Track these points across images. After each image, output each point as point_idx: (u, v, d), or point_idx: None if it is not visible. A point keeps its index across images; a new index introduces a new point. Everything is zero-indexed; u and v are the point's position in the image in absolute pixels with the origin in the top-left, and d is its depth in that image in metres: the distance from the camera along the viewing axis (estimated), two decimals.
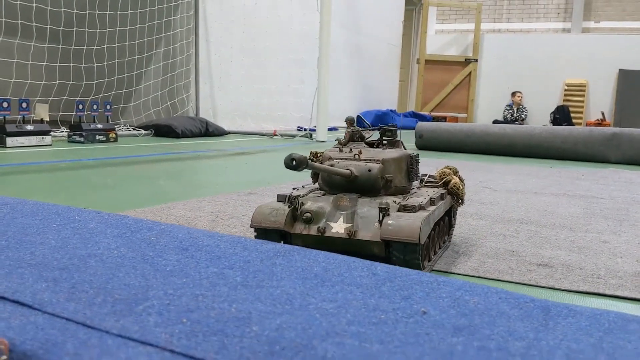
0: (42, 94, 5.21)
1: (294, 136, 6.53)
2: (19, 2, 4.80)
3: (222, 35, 6.99)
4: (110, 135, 4.95)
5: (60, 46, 5.43)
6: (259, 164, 3.86)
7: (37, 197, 2.20)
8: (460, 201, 1.57)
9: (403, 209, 1.20)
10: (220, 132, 6.23)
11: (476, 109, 12.70)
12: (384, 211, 1.18)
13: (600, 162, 4.99)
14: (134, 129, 5.80)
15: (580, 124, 11.90)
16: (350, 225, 1.19)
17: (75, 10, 5.48)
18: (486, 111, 12.50)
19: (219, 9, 6.89)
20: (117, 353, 0.56)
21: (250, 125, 7.19)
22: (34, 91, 5.14)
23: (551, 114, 12.12)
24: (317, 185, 1.41)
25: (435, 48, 12.93)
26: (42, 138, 4.32)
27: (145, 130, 5.76)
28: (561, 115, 11.93)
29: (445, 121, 11.86)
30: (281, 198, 1.26)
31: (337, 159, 1.33)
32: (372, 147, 1.42)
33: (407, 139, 6.98)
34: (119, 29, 5.82)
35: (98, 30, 5.68)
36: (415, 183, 1.52)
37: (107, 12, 5.69)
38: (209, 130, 6.04)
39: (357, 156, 1.31)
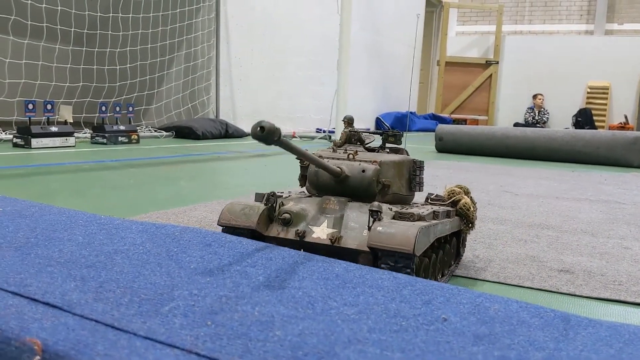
0: (66, 95, 5.29)
1: (312, 138, 6.55)
2: (44, 5, 4.89)
3: (242, 38, 7.04)
4: (133, 137, 5.01)
5: (84, 49, 5.51)
6: (278, 166, 3.88)
7: (61, 199, 2.24)
8: (470, 225, 1.36)
9: (399, 216, 1.04)
10: (240, 134, 6.27)
11: (497, 112, 12.62)
12: (375, 215, 1.00)
13: (623, 166, 4.93)
14: (155, 131, 5.86)
15: (602, 127, 11.77)
16: (334, 230, 1.02)
17: (98, 13, 5.56)
18: (507, 114, 12.42)
19: (240, 12, 6.94)
20: (146, 355, 0.58)
21: None
22: (58, 93, 5.22)
23: (573, 116, 11.99)
24: (304, 189, 1.26)
25: (456, 50, 12.87)
26: (66, 139, 4.38)
27: (166, 131, 5.82)
28: (583, 118, 11.80)
29: (465, 124, 11.81)
30: (259, 197, 1.13)
31: (327, 158, 1.15)
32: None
33: (427, 141, 6.98)
34: (142, 32, 5.88)
35: (121, 33, 5.75)
36: (420, 200, 1.36)
37: (130, 15, 5.76)
38: (228, 132, 6.09)
39: (351, 156, 1.15)
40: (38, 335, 0.61)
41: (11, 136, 4.28)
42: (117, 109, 5.05)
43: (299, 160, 1.19)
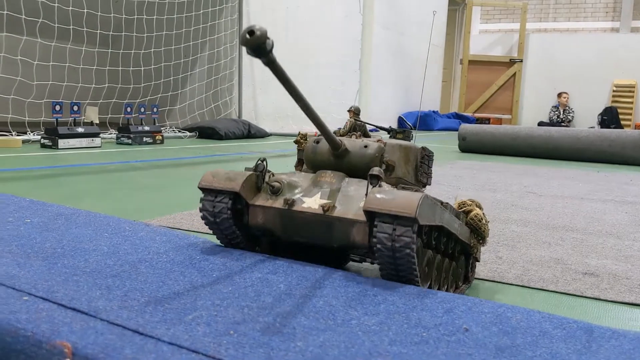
0: (92, 96, 5.37)
1: None
2: (70, 7, 4.96)
3: None
4: (157, 137, 5.07)
5: (110, 50, 5.59)
6: None
7: (87, 200, 2.28)
8: (481, 239, 1.23)
9: (402, 188, 0.94)
10: (262, 134, 6.30)
11: (521, 110, 12.48)
12: (375, 180, 0.90)
13: None
14: (179, 131, 5.92)
15: (629, 126, 11.56)
16: (328, 201, 0.91)
17: (123, 15, 5.63)
18: (531, 112, 12.27)
19: (263, 12, 6.97)
20: (172, 359, 0.59)
21: (291, 126, 7.24)
22: (84, 94, 5.30)
23: (599, 115, 11.80)
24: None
25: (479, 48, 12.75)
26: (92, 140, 4.45)
27: (190, 132, 5.87)
28: (609, 117, 11.61)
29: (488, 123, 11.71)
30: (250, 170, 1.03)
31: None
32: None
33: (449, 140, 6.93)
34: (166, 33, 5.94)
35: (145, 35, 5.81)
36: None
37: (154, 17, 5.82)
38: (251, 132, 6.12)
39: (354, 137, 1.07)
40: (68, 338, 0.62)
41: (39, 137, 4.35)
42: (142, 109, 5.11)
43: (295, 144, 1.14)
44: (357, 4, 6.21)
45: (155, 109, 5.29)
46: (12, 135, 4.42)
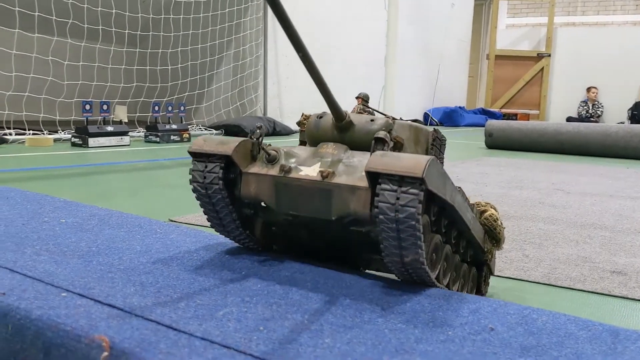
0: (120, 95, 5.45)
1: None
2: (99, 8, 5.05)
3: None
4: (184, 136, 5.13)
5: (138, 50, 5.67)
6: None
7: (118, 198, 2.33)
8: (495, 242, 1.14)
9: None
10: (287, 131, 6.33)
11: (549, 106, 12.31)
12: (381, 144, 0.85)
13: None
14: (205, 129, 5.98)
15: None
16: (331, 169, 0.84)
17: (151, 15, 5.70)
18: (559, 108, 12.09)
19: (287, 9, 6.94)
20: (205, 354, 0.61)
21: None
22: (113, 93, 5.39)
23: (629, 110, 11.58)
24: None
25: (506, 43, 12.61)
26: (121, 138, 4.53)
27: (216, 130, 5.93)
28: (639, 112, 11.39)
29: (516, 118, 11.58)
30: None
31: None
32: None
33: (476, 137, 6.88)
34: (192, 32, 6.00)
35: (172, 34, 5.88)
36: None
37: (181, 16, 5.89)
38: (276, 130, 6.15)
39: None
40: (106, 333, 0.65)
41: (70, 135, 4.44)
42: (169, 108, 5.18)
43: (298, 127, 1.06)
44: (381, 0, 6.19)
45: (182, 108, 5.36)
46: (43, 134, 4.52)
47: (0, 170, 2.97)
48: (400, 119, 1.10)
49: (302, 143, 1.05)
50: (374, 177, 0.78)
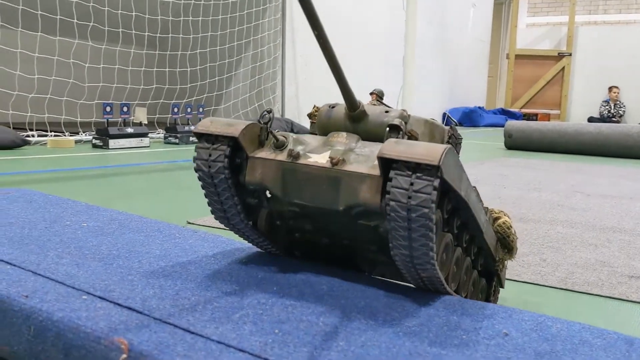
0: (140, 97, 5.51)
1: None
2: (120, 11, 5.11)
3: (307, 37, 7.11)
4: None
5: (157, 52, 5.73)
6: None
7: (138, 200, 2.36)
8: (507, 250, 1.10)
9: None
10: (304, 132, 6.36)
11: (570, 106, 12.18)
12: (395, 131, 0.82)
13: None
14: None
15: None
16: (341, 158, 0.81)
17: (170, 17, 5.76)
18: (581, 107, 11.96)
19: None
20: (221, 357, 0.62)
21: None
22: (133, 95, 5.45)
23: None
24: None
25: (526, 42, 12.51)
26: (141, 140, 4.58)
27: None
28: None
29: (536, 119, 11.47)
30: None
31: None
32: None
33: (495, 137, 6.84)
34: (211, 34, 6.05)
35: (191, 36, 5.93)
36: None
37: (200, 18, 5.94)
38: (293, 130, 6.18)
39: None
40: (124, 335, 0.67)
41: (90, 137, 4.51)
42: (188, 109, 5.22)
43: (309, 118, 1.02)
44: (400, 1, 6.19)
45: (201, 109, 5.40)
46: (65, 135, 4.59)
47: (23, 172, 3.03)
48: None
49: (312, 135, 1.00)
50: (386, 165, 0.74)
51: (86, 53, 5.01)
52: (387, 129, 0.82)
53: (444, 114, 10.85)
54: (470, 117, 10.71)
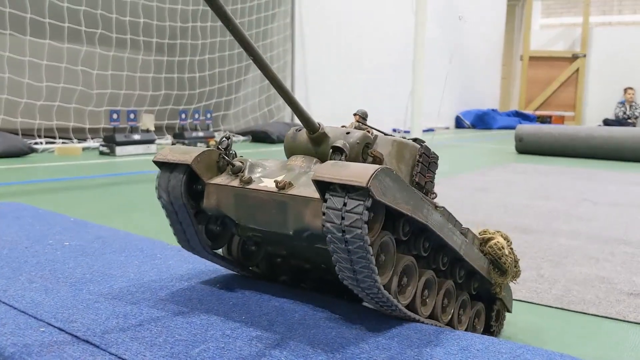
0: (149, 103, 5.52)
1: None
2: (128, 17, 5.12)
3: (317, 41, 7.09)
4: (211, 143, 5.17)
5: (166, 58, 5.73)
6: None
7: (137, 212, 2.35)
8: (499, 272, 1.04)
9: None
10: None
11: (585, 107, 12.03)
12: (339, 153, 0.81)
13: None
14: (233, 135, 6.02)
15: None
16: (288, 180, 0.81)
17: (178, 24, 5.76)
18: (596, 109, 11.80)
19: (315, 16, 6.99)
20: None
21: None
22: (141, 101, 5.47)
23: None
24: None
25: (540, 44, 12.39)
26: (148, 146, 4.58)
27: (243, 136, 5.96)
28: None
29: (550, 121, 11.35)
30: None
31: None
32: None
33: (507, 140, 6.76)
34: (219, 40, 6.05)
35: (200, 42, 5.94)
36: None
37: (208, 24, 5.94)
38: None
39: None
40: None
41: (98, 144, 4.52)
42: (196, 115, 5.22)
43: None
44: (409, 4, 6.15)
45: (209, 115, 5.40)
46: (73, 142, 4.61)
47: (27, 182, 3.03)
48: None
49: None
50: (324, 187, 0.74)
51: (94, 60, 5.03)
52: (331, 150, 0.81)
53: (457, 117, 10.77)
54: (483, 120, 10.62)
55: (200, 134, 5.14)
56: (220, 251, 0.97)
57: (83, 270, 1.02)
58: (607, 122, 10.32)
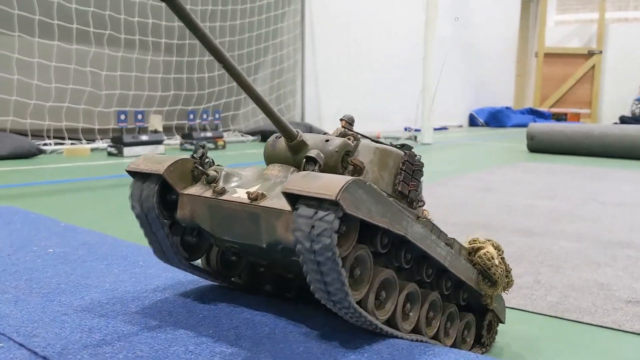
0: (158, 104, 5.53)
1: (398, 138, 6.46)
2: (136, 18, 5.13)
3: (327, 40, 7.06)
4: (219, 143, 5.17)
5: (174, 58, 5.74)
6: None
7: None
8: (489, 282, 1.01)
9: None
10: None
11: (601, 104, 11.87)
12: (311, 163, 0.80)
13: None
14: (242, 135, 6.01)
15: None
16: (261, 191, 0.79)
17: None
18: (612, 106, 11.63)
19: (325, 14, 6.96)
20: None
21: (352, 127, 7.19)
22: (150, 102, 5.48)
23: None
24: None
25: (555, 40, 12.24)
26: (156, 147, 4.59)
27: (252, 135, 5.96)
28: None
29: (565, 118, 11.22)
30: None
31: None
32: None
33: (520, 139, 6.68)
34: (229, 39, 6.04)
35: None
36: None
37: (217, 23, 5.93)
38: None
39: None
40: None
41: (106, 145, 4.54)
42: (205, 116, 5.22)
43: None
44: (419, 1, 6.10)
45: (217, 115, 5.40)
46: (82, 142, 4.63)
47: (32, 184, 3.05)
48: (390, 143, 0.99)
49: None
50: (293, 200, 0.71)
51: (103, 60, 5.05)
52: (304, 160, 0.79)
53: (471, 115, 10.68)
54: (497, 118, 10.52)
55: (209, 134, 5.14)
56: (199, 261, 0.95)
57: (59, 280, 1.01)
58: (623, 120, 10.16)
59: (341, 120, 0.99)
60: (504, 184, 3.25)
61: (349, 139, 0.93)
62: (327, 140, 0.84)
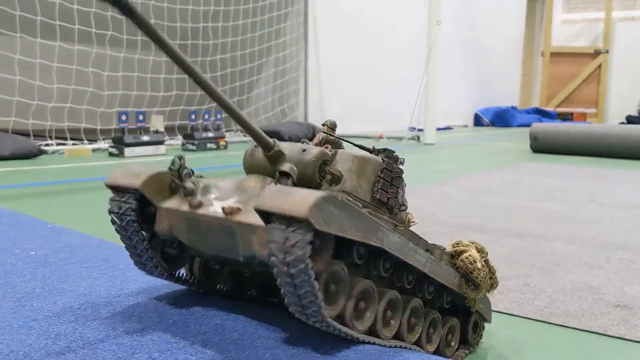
0: (161, 104, 5.54)
1: (401, 138, 6.44)
2: None
3: (331, 40, 7.05)
4: (221, 143, 5.17)
5: None
6: None
7: None
8: (473, 286, 1.01)
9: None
10: None
11: (607, 104, 11.79)
12: (285, 178, 0.80)
13: None
14: (244, 135, 6.01)
15: None
16: (236, 206, 0.78)
17: (190, 24, 5.77)
18: (619, 106, 11.55)
19: (328, 14, 6.95)
20: None
21: (355, 128, 7.18)
22: (153, 102, 5.48)
23: None
24: None
25: (561, 39, 12.17)
26: (157, 147, 4.59)
27: None
28: None
29: (572, 118, 11.15)
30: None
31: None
32: None
33: (524, 139, 6.64)
34: (231, 40, 6.04)
35: (211, 42, 5.94)
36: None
37: (220, 24, 5.94)
38: (315, 135, 6.12)
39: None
40: None
41: (108, 145, 4.55)
42: (207, 116, 5.23)
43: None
44: (422, 1, 6.07)
45: (219, 115, 5.40)
46: (84, 143, 4.65)
47: (31, 184, 3.05)
48: (373, 147, 1.00)
49: None
50: (266, 217, 0.71)
51: (105, 61, 5.06)
52: (277, 174, 0.79)
53: (476, 114, 10.64)
54: (502, 117, 10.47)
55: (210, 134, 5.14)
56: (182, 270, 0.95)
57: (35, 284, 1.00)
58: (630, 119, 10.10)
59: (323, 125, 1.01)
60: (504, 186, 3.23)
61: (327, 146, 0.94)
62: (304, 150, 0.83)
